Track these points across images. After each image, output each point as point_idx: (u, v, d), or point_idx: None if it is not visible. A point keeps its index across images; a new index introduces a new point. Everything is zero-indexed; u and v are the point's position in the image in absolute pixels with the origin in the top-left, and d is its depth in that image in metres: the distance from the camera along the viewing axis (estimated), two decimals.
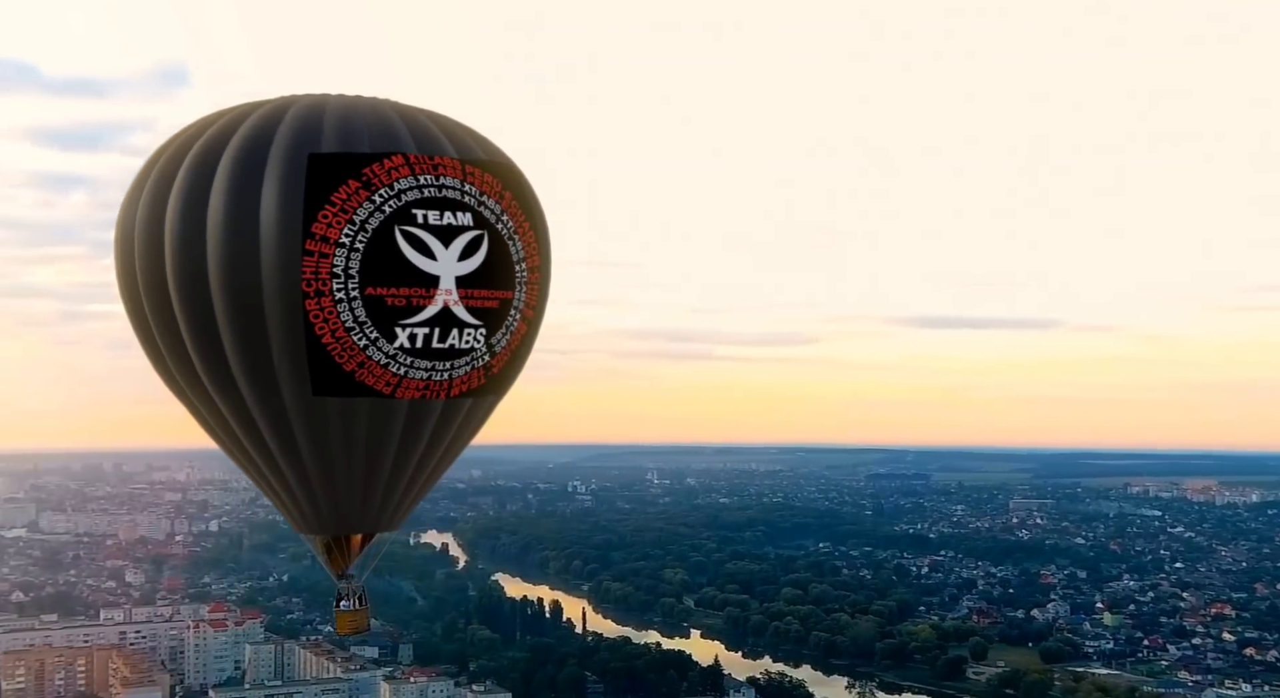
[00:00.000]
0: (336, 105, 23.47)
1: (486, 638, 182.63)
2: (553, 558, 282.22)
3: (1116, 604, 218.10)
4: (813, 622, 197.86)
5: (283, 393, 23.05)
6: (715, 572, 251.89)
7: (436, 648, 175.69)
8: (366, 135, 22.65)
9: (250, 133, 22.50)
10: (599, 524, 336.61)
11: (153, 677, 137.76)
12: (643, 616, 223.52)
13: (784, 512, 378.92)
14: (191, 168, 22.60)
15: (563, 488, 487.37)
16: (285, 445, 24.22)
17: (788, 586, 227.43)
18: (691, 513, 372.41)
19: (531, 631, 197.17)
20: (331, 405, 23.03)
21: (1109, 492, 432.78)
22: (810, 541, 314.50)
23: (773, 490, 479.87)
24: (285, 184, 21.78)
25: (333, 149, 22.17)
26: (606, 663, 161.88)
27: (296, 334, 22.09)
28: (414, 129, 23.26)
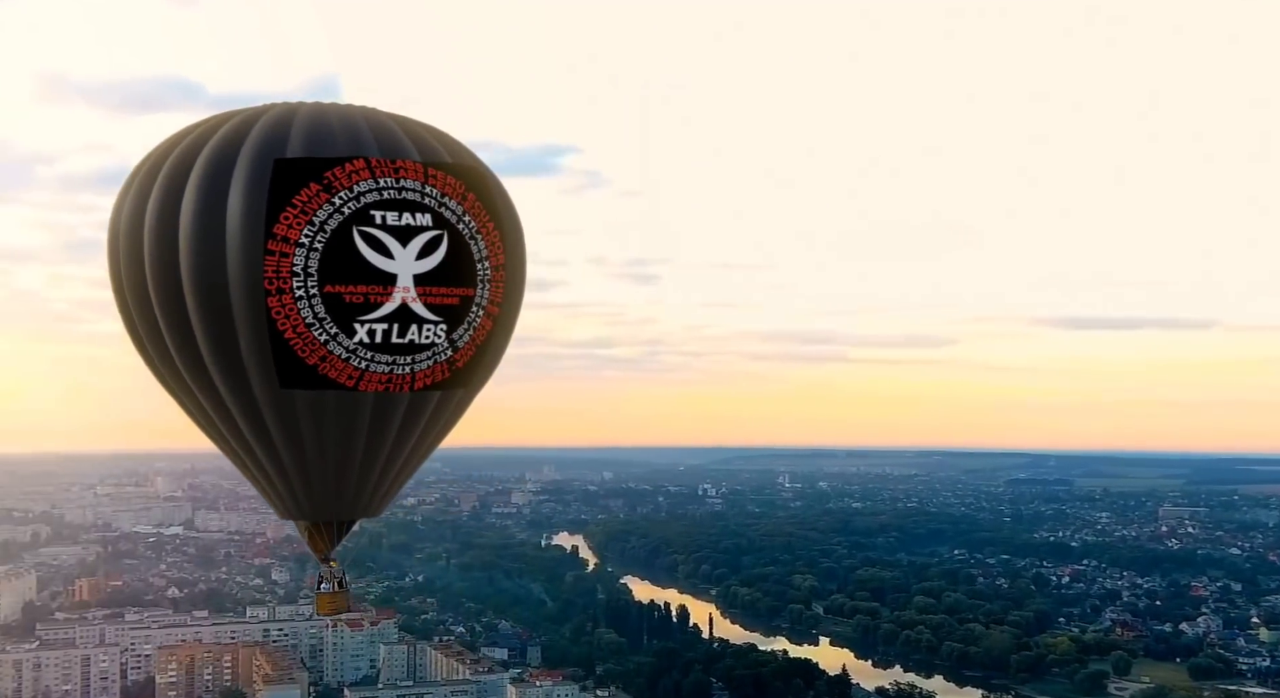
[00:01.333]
0: (307, 112, 24.47)
1: (613, 642, 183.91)
2: (681, 562, 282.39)
3: (1274, 620, 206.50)
4: (945, 632, 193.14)
5: (253, 386, 24.19)
6: (845, 578, 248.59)
7: (564, 651, 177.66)
8: (332, 141, 23.66)
9: (222, 140, 23.72)
10: (729, 528, 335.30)
11: (292, 674, 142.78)
12: (770, 622, 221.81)
13: (918, 517, 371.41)
14: (168, 173, 23.85)
15: (693, 491, 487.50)
16: (260, 436, 25.41)
17: (920, 594, 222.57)
18: (823, 518, 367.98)
19: (658, 635, 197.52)
20: (300, 397, 24.16)
21: (1269, 499, 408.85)
22: (945, 547, 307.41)
23: (907, 495, 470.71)
24: (250, 188, 22.95)
25: (297, 154, 23.27)
26: (732, 669, 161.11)
27: (261, 330, 23.20)
28: (380, 134, 24.18)
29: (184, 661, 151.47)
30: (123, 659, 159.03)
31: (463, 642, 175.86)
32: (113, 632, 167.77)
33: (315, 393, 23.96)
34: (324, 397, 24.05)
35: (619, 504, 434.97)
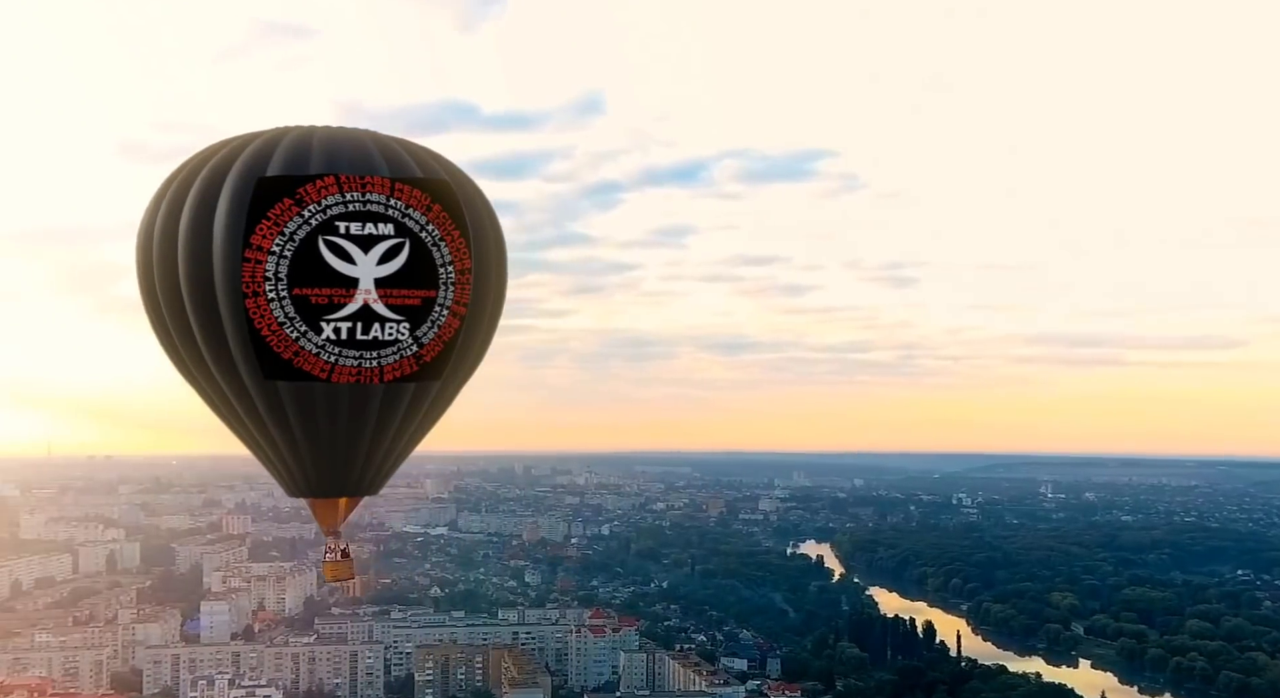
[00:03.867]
0: (293, 136, 27.78)
1: (855, 656, 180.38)
2: (931, 575, 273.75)
3: None
4: (1223, 659, 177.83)
5: (243, 377, 27.66)
6: (1110, 597, 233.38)
7: (805, 664, 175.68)
8: (308, 161, 26.86)
9: (219, 160, 27.37)
10: (983, 540, 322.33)
11: (537, 678, 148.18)
12: (1024, 642, 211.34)
13: (1197, 533, 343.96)
14: (175, 189, 27.72)
15: (947, 500, 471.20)
16: (256, 422, 29.00)
17: (1195, 617, 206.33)
18: (1087, 531, 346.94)
19: (903, 651, 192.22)
20: (283, 388, 27.41)
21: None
22: (1226, 567, 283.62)
23: (1185, 508, 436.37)
24: (234, 203, 26.39)
25: (275, 173, 26.62)
26: (979, 691, 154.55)
27: (242, 328, 26.55)
28: (355, 154, 27.26)
29: (440, 660, 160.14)
30: (386, 656, 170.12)
31: (702, 651, 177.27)
32: (380, 629, 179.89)
33: (294, 384, 27.17)
34: (302, 387, 27.23)
35: (868, 513, 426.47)
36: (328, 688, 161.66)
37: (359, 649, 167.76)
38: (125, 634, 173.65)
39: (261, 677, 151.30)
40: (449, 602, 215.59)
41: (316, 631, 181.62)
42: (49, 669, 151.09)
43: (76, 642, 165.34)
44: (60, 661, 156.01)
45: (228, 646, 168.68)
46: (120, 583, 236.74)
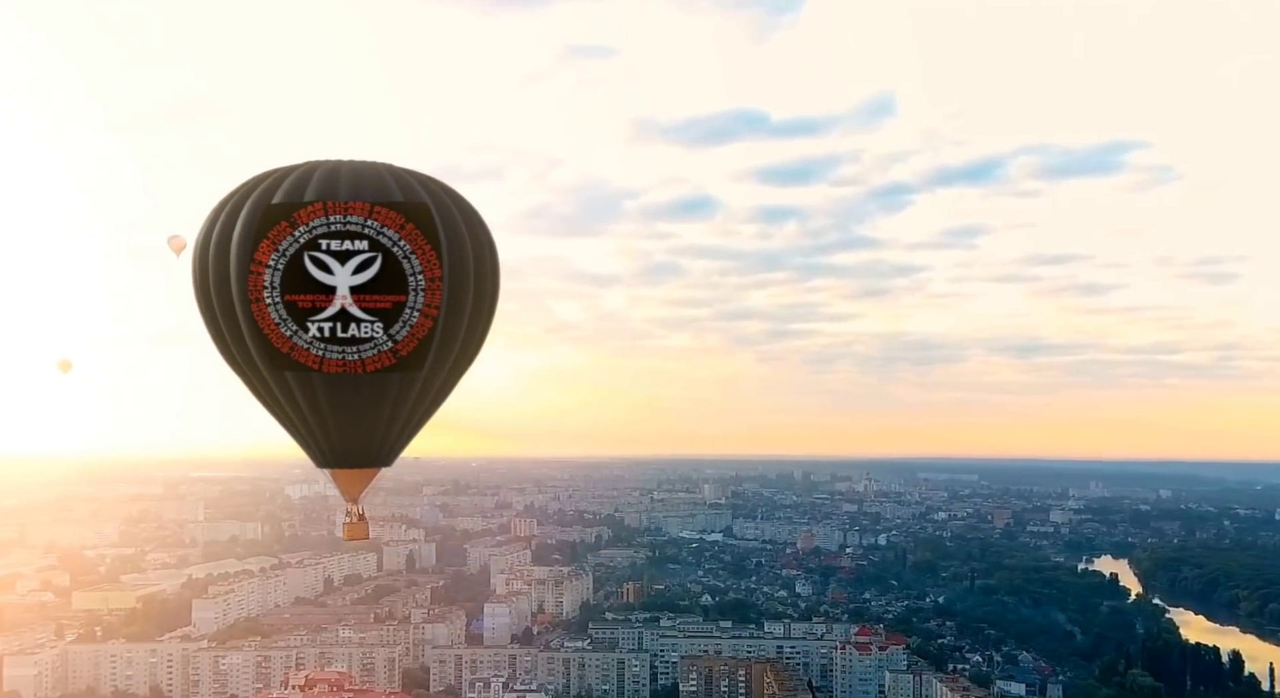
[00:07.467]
0: (302, 169, 32.75)
1: (1149, 686, 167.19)
2: (1244, 598, 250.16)
3: None
4: None
5: (260, 367, 33.22)
6: None
7: (1090, 691, 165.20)
8: (305, 189, 31.92)
9: (244, 190, 32.95)
10: None
11: (798, 695, 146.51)
12: None
13: None
14: (214, 213, 33.50)
15: (1269, 515, 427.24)
16: (276, 404, 34.77)
17: None
18: None
19: (1205, 682, 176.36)
20: (290, 376, 32.96)
21: None
22: None
23: None
24: (245, 226, 32.00)
25: (279, 200, 31.94)
26: None
27: (252, 328, 32.15)
28: (349, 183, 32.11)
29: (704, 671, 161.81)
30: (653, 664, 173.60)
31: (976, 673, 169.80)
32: (649, 636, 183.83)
33: (295, 372, 32.61)
34: (302, 375, 32.65)
35: (1174, 527, 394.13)
36: (596, 694, 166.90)
37: (626, 658, 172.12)
38: (416, 633, 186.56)
39: (533, 681, 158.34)
40: (718, 610, 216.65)
41: (590, 635, 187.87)
42: (349, 664, 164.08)
43: (374, 639, 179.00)
44: (359, 656, 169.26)
45: (505, 649, 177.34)
46: (417, 582, 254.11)
